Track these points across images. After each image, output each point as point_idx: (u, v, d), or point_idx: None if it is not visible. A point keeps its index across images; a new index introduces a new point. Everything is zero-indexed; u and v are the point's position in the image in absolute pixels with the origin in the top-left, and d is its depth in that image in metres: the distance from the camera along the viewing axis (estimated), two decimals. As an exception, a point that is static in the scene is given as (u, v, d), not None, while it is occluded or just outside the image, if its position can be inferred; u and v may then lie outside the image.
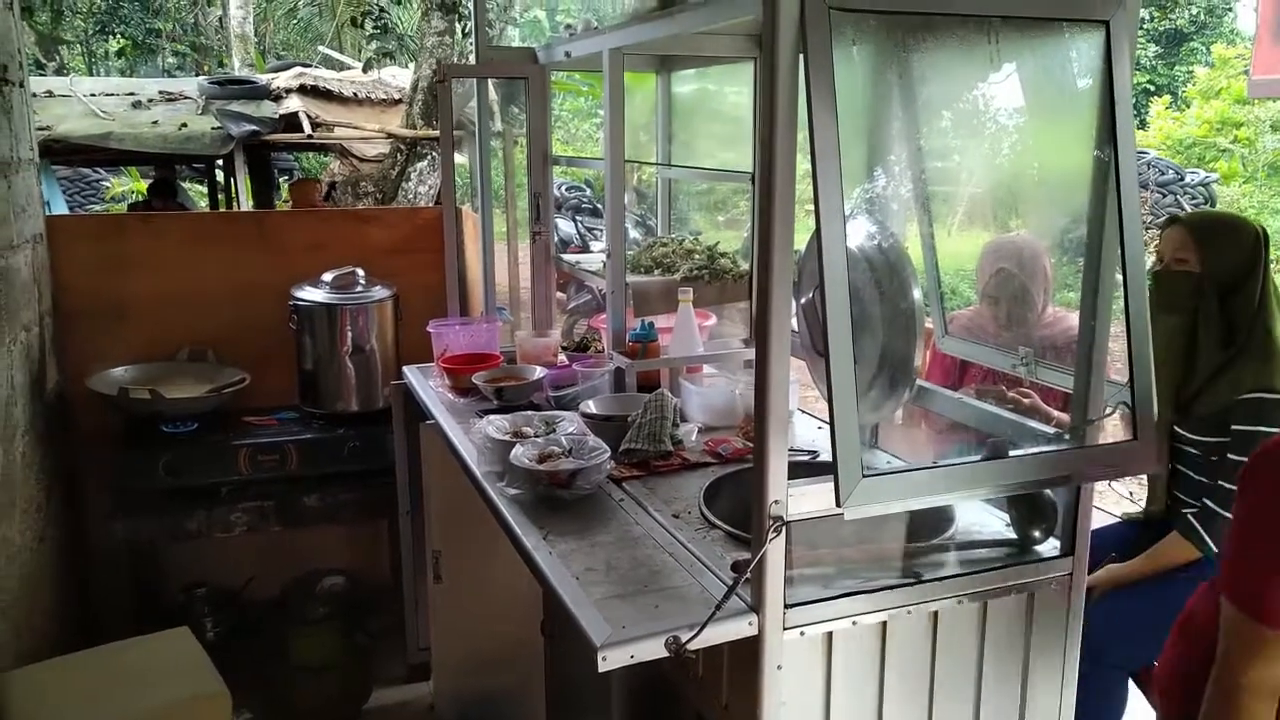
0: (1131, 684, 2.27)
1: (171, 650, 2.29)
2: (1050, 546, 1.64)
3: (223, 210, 7.37)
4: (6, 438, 2.44)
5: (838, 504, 1.32)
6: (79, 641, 2.75)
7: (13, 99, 2.74)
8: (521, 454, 1.88)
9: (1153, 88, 15.81)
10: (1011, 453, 1.48)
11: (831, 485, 1.34)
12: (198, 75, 9.85)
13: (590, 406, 2.24)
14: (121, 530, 2.87)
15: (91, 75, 13.67)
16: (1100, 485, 1.86)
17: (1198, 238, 2.19)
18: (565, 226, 8.81)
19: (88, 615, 3.12)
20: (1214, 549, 2.11)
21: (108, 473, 2.92)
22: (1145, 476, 2.50)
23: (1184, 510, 2.20)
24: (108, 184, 12.07)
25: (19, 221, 2.70)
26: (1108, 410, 1.54)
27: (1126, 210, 1.47)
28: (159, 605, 3.13)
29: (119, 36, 14.98)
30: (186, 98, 6.56)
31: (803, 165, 1.34)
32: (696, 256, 2.60)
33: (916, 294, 1.79)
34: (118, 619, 3.02)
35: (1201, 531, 2.12)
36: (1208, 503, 2.14)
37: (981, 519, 1.76)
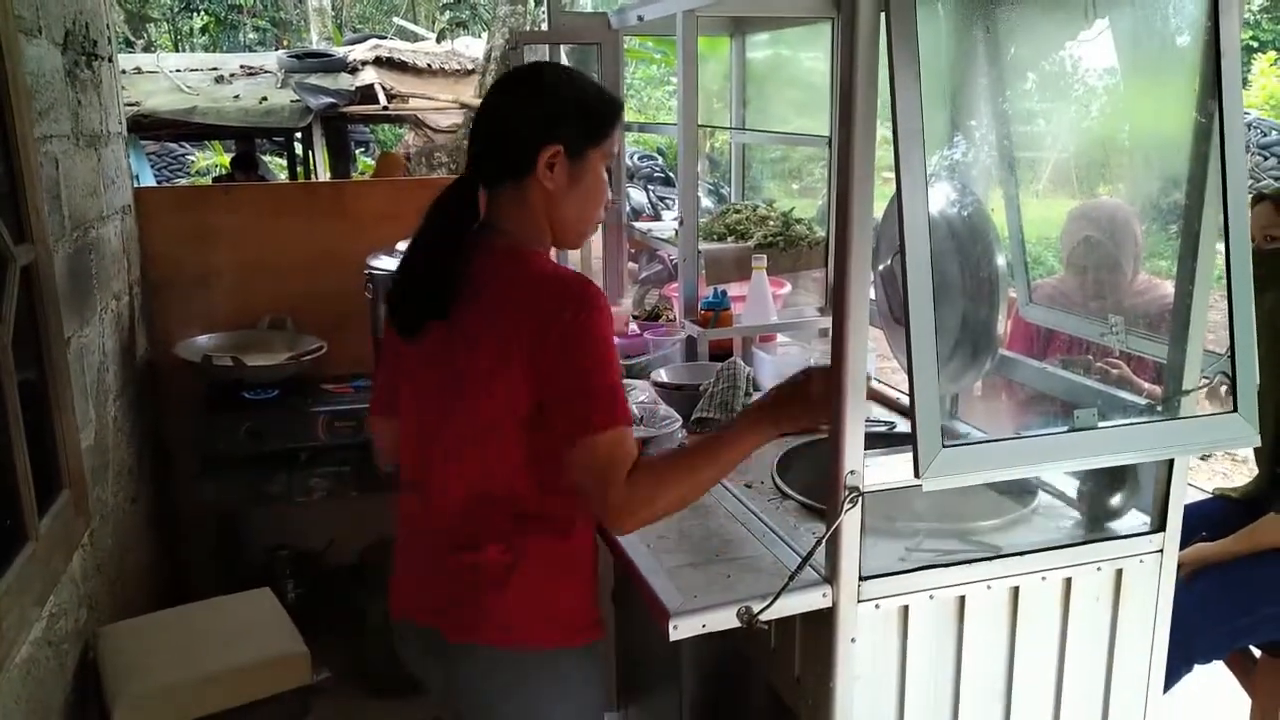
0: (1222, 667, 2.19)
1: (254, 610, 2.36)
2: (1140, 521, 1.58)
3: (301, 181, 7.52)
4: (100, 402, 2.53)
5: (917, 475, 1.28)
6: (168, 599, 2.86)
7: (102, 74, 2.82)
8: None
9: (1256, 43, 15.00)
10: (1101, 424, 1.42)
11: (909, 456, 1.30)
12: (277, 49, 10.04)
13: (662, 375, 2.22)
14: (206, 493, 2.97)
15: (177, 52, 14.05)
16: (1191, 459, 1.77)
17: None
18: (637, 195, 8.78)
19: (176, 574, 3.24)
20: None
21: (193, 437, 3.02)
22: (1248, 452, 2.40)
23: (1284, 489, 2.10)
24: (193, 158, 12.40)
25: (108, 193, 2.78)
26: (1205, 381, 1.46)
27: (1231, 172, 1.39)
28: (242, 566, 3.23)
29: (203, 13, 15.35)
30: (266, 72, 6.69)
31: (881, 131, 1.30)
32: (771, 223, 2.56)
33: (1000, 260, 1.73)
34: (203, 578, 3.13)
35: None
36: None
37: (1066, 493, 1.70)
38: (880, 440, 1.65)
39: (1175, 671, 2.02)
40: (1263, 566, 2.06)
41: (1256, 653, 2.24)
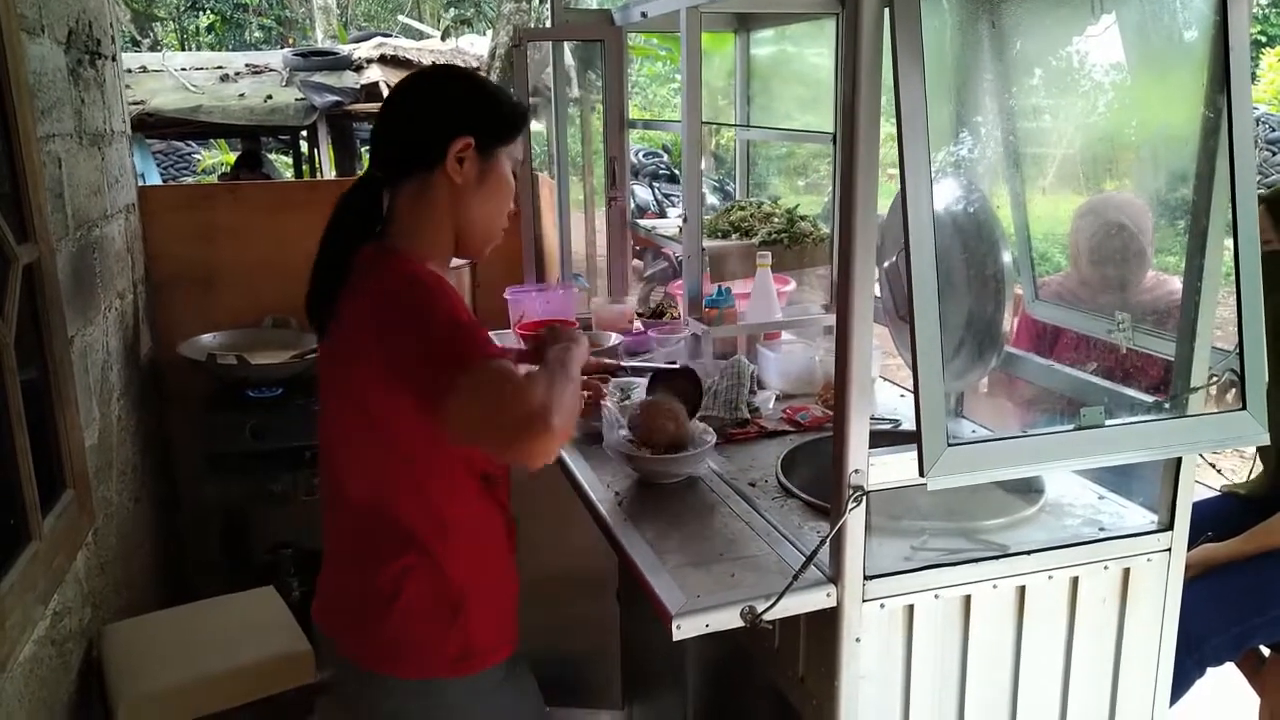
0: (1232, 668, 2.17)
1: (258, 608, 2.36)
2: (1147, 520, 1.57)
3: (305, 179, 7.52)
4: (104, 401, 2.53)
5: (922, 474, 1.27)
6: (172, 598, 2.86)
7: (105, 73, 2.81)
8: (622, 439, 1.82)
9: (1264, 39, 14.92)
10: (1107, 422, 1.41)
11: (914, 454, 1.29)
12: (282, 48, 10.04)
13: (666, 373, 2.21)
14: (210, 492, 2.97)
15: (183, 50, 14.07)
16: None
17: (1275, 216, 2.06)
18: (642, 193, 8.77)
19: (179, 573, 3.24)
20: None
21: (197, 436, 3.02)
22: (1250, 450, 2.38)
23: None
24: (199, 156, 12.42)
25: (112, 192, 2.78)
26: (1214, 378, 1.45)
27: (1239, 168, 1.37)
28: (246, 565, 3.23)
29: (208, 12, 15.37)
30: (272, 70, 6.68)
31: (885, 128, 1.29)
32: (775, 220, 2.54)
33: (1006, 257, 1.71)
34: (207, 577, 3.13)
35: None
36: None
37: (1073, 490, 1.69)
38: (885, 438, 1.64)
39: (1187, 676, 2.01)
40: (1273, 568, 2.04)
41: (1265, 652, 2.22)
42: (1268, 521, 2.08)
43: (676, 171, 9.71)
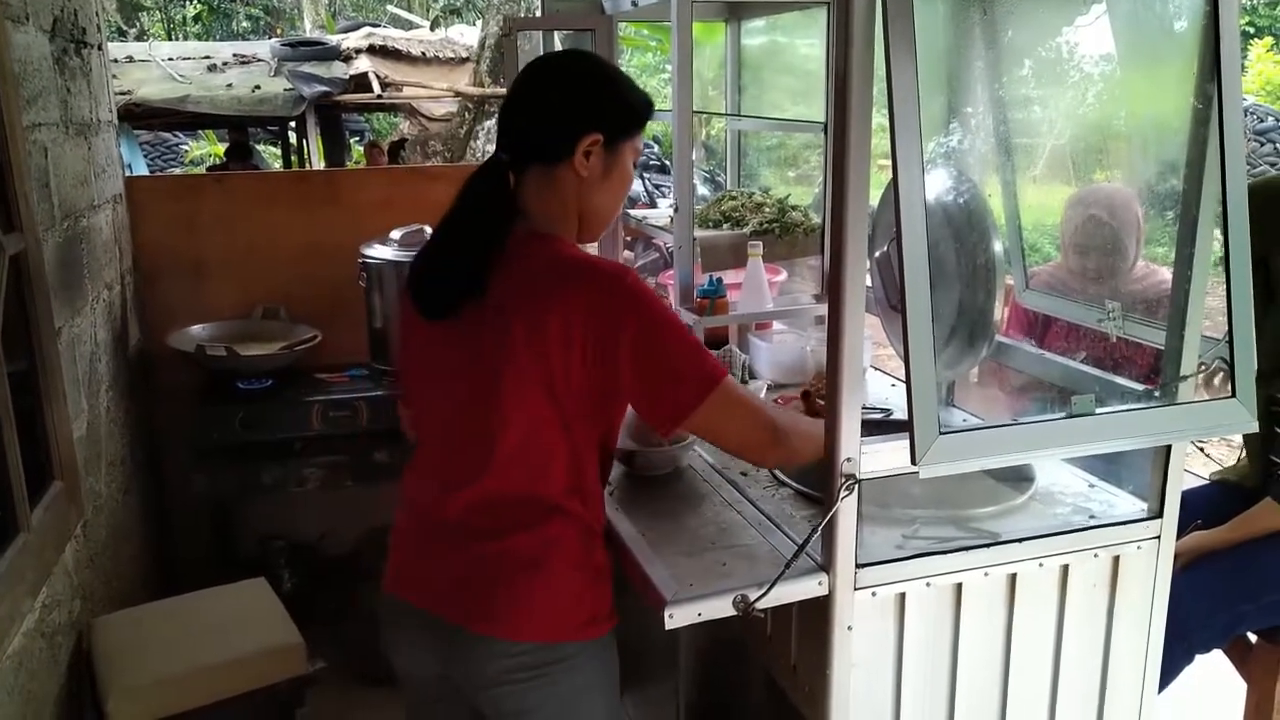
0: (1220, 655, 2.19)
1: (249, 600, 2.35)
2: (1137, 508, 1.58)
3: (294, 169, 7.48)
4: (92, 393, 2.51)
5: (913, 462, 1.28)
6: (162, 590, 2.85)
7: (91, 62, 2.79)
8: None
9: (1253, 29, 14.96)
10: (1098, 410, 1.41)
11: (905, 443, 1.29)
12: (270, 38, 9.98)
13: (657, 363, 2.21)
14: (201, 484, 2.95)
15: (170, 40, 13.97)
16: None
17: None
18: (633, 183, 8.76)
19: (170, 565, 3.23)
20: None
21: (187, 428, 3.00)
22: (1237, 438, 2.39)
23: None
24: (187, 147, 12.35)
25: (99, 182, 2.76)
26: (1204, 366, 1.46)
27: (1229, 157, 1.38)
28: (237, 557, 3.22)
29: (195, 1, 15.27)
30: (259, 60, 6.65)
31: (876, 119, 1.29)
32: (767, 210, 2.54)
33: (997, 246, 1.72)
34: (197, 569, 3.12)
35: None
36: None
37: (1063, 479, 1.70)
38: (876, 428, 1.65)
39: (1177, 664, 2.01)
40: (1268, 552, 2.05)
41: (1253, 639, 2.24)
42: (1253, 509, 2.10)
43: (667, 162, 9.68)
